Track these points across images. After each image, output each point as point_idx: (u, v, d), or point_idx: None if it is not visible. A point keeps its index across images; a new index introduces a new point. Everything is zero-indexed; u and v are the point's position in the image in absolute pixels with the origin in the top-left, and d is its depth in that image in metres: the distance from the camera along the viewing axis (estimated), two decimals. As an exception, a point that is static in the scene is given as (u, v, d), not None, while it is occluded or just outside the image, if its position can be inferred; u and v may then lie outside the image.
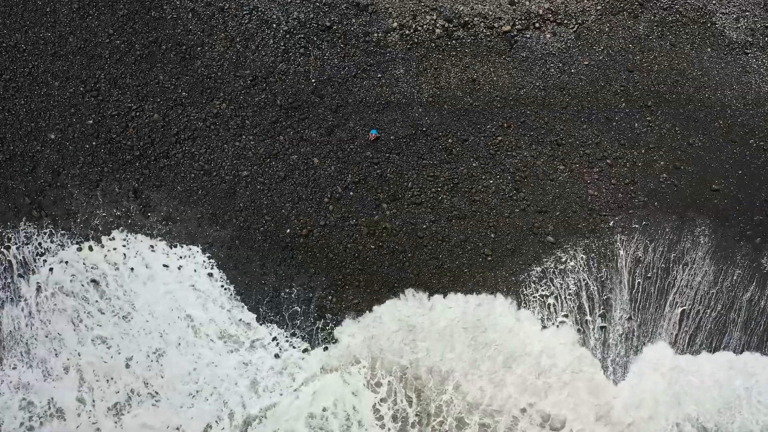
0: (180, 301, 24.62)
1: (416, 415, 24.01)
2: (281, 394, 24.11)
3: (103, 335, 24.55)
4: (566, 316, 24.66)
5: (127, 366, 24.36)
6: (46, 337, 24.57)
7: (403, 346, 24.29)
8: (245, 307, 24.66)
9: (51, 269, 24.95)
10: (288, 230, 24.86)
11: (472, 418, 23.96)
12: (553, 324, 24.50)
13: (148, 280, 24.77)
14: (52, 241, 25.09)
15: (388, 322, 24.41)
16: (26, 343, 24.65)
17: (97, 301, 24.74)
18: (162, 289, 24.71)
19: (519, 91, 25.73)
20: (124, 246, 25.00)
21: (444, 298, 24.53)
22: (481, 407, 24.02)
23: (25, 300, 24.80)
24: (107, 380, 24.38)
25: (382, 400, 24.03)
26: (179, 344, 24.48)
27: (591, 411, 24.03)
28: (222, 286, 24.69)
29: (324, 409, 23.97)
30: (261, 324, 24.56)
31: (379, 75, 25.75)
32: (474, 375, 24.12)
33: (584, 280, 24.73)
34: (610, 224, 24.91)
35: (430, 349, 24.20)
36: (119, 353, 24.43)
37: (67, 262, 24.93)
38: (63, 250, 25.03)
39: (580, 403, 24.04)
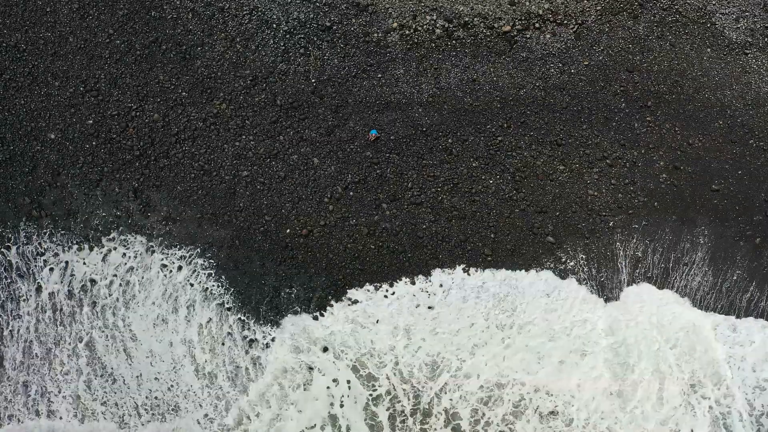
0: (178, 302, 24.61)
1: (411, 414, 23.92)
2: (287, 408, 23.98)
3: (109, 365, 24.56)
4: (566, 316, 24.69)
5: (139, 415, 24.31)
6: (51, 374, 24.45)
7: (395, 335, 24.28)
8: (244, 308, 24.64)
9: (51, 269, 24.94)
10: (288, 230, 24.85)
11: (466, 408, 23.75)
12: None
13: (147, 282, 24.76)
14: (52, 241, 25.08)
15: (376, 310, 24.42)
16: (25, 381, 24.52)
17: (101, 324, 24.74)
18: (161, 291, 24.71)
19: (519, 91, 25.75)
20: (123, 246, 24.99)
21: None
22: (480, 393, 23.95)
23: (26, 314, 24.78)
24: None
25: (377, 398, 23.95)
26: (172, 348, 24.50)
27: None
28: (222, 286, 24.67)
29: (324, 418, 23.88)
30: (259, 325, 24.51)
31: (379, 75, 25.77)
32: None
33: (584, 280, 24.71)
34: (610, 224, 24.91)
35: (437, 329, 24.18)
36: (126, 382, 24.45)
37: (67, 263, 24.93)
38: (63, 250, 25.02)
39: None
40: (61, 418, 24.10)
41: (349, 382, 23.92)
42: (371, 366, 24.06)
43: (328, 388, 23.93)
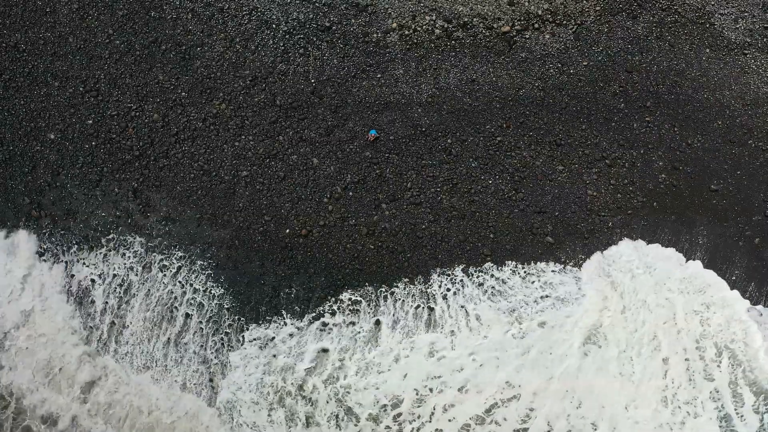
0: (178, 301, 24.65)
1: None
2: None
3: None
4: (565, 316, 24.68)
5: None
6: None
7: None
8: (244, 309, 24.68)
9: (51, 269, 24.97)
10: (288, 230, 24.88)
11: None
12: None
13: (149, 281, 24.79)
14: (51, 241, 25.11)
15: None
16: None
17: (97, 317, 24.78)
18: (161, 291, 24.74)
19: (518, 91, 25.78)
20: (123, 246, 25.02)
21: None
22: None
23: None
24: None
25: None
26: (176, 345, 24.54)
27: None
28: (221, 286, 24.69)
29: None
30: (260, 324, 24.53)
31: (379, 75, 25.81)
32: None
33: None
34: (610, 225, 24.95)
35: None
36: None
37: (66, 263, 24.96)
38: (63, 250, 25.05)
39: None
40: None
41: (337, 417, 23.40)
42: (360, 393, 23.45)
43: (318, 425, 23.37)
